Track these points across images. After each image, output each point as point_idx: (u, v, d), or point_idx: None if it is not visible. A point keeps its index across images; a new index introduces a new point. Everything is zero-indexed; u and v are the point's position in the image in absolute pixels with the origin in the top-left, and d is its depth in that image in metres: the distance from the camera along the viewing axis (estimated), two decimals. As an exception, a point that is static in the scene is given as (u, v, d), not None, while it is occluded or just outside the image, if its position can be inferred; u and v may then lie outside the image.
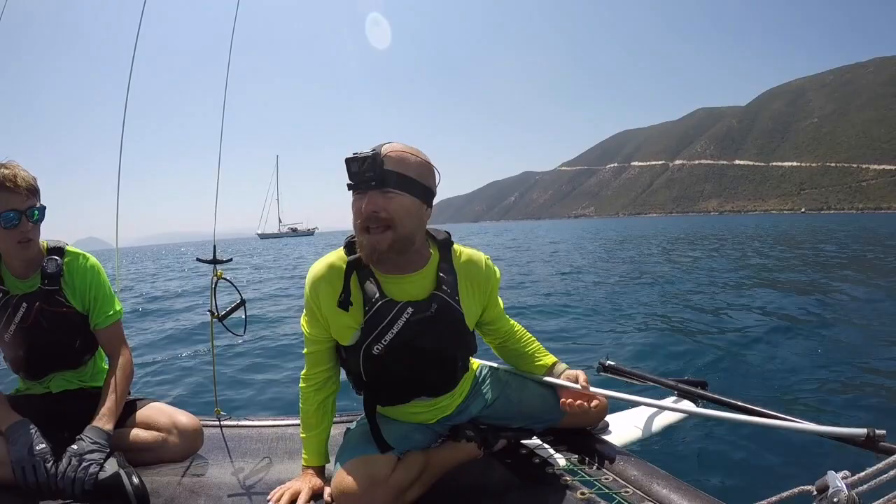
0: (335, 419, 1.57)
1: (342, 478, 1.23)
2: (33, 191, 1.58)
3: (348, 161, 1.19)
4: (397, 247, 1.24)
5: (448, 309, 1.33)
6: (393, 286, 1.31)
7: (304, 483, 1.31)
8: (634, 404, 1.67)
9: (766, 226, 46.83)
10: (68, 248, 1.74)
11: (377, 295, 1.28)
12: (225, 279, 2.05)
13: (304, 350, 1.43)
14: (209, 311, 2.03)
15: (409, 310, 1.29)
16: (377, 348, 1.29)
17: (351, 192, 1.23)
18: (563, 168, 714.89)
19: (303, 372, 1.45)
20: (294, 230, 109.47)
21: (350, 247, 1.32)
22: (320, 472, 1.39)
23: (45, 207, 1.63)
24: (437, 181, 1.30)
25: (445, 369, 1.41)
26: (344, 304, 1.28)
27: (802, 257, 13.68)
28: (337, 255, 1.33)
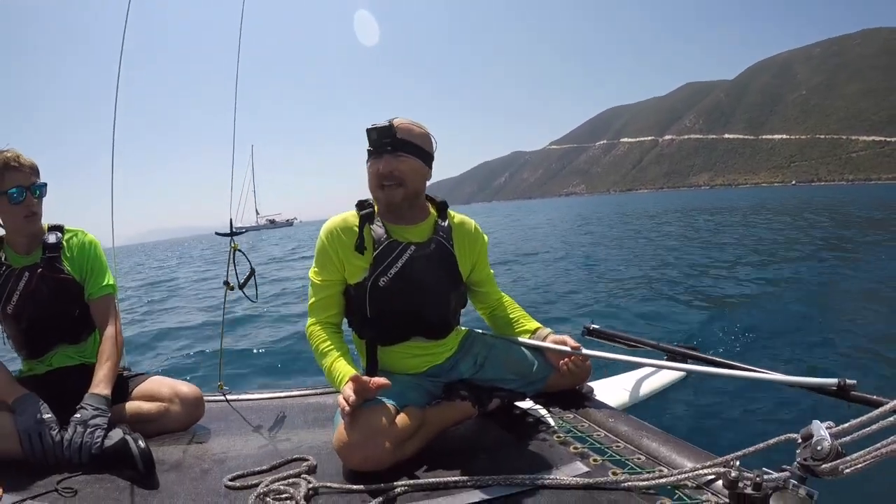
0: (333, 389, 1.60)
1: (343, 428, 1.30)
2: (35, 170, 1.71)
3: (369, 130, 1.46)
4: (408, 200, 1.53)
5: (444, 250, 1.58)
6: (398, 233, 1.55)
7: (348, 389, 1.32)
8: (622, 364, 1.76)
9: (780, 197, 47.86)
10: (67, 226, 1.86)
11: (385, 236, 1.52)
12: (240, 251, 2.15)
13: (311, 300, 1.58)
14: (225, 282, 2.11)
15: (412, 248, 1.53)
16: (383, 280, 1.49)
17: (367, 159, 1.52)
18: (553, 146, 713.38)
19: (308, 321, 1.59)
20: (272, 221, 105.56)
21: (360, 206, 1.57)
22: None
23: (46, 185, 1.74)
24: (434, 148, 1.59)
25: (440, 308, 1.60)
26: (359, 247, 1.50)
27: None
28: (349, 213, 1.58)
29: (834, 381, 1.24)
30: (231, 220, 2.22)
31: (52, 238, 1.78)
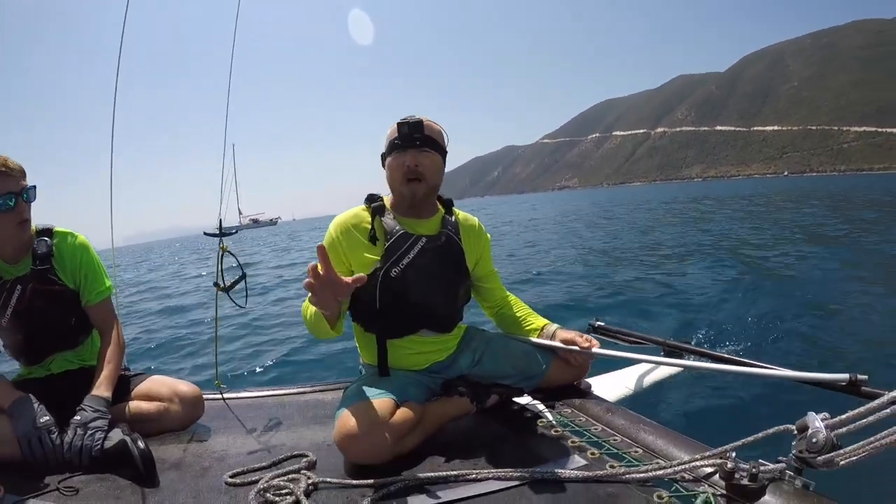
0: (331, 386, 1.75)
1: (344, 420, 1.32)
2: (23, 172, 1.63)
3: (400, 124, 1.52)
4: (428, 194, 1.58)
5: (453, 242, 1.62)
6: (409, 226, 1.59)
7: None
8: (627, 361, 1.79)
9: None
10: (56, 228, 1.77)
11: (397, 227, 1.55)
12: (229, 252, 2.11)
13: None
14: (214, 283, 2.07)
15: (424, 239, 1.56)
16: (395, 271, 1.51)
17: (387, 156, 1.56)
18: (545, 140, 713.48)
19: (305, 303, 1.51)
20: (255, 221, 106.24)
21: (370, 199, 1.61)
22: None
23: (35, 187, 1.67)
24: (447, 142, 1.63)
25: (449, 299, 1.63)
26: (373, 238, 1.53)
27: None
28: (359, 207, 1.61)
29: (845, 376, 1.22)
30: (220, 220, 2.22)
31: (42, 247, 1.70)
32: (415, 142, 1.50)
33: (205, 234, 2.29)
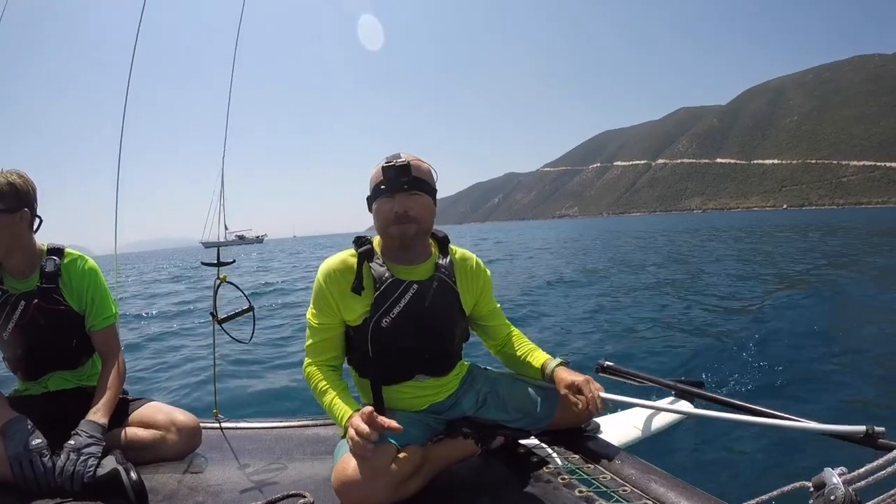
0: (332, 420, 1.65)
1: (343, 467, 1.27)
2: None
3: (385, 168, 1.41)
4: (420, 236, 1.47)
5: (447, 286, 1.52)
6: (399, 272, 1.49)
7: (357, 420, 1.26)
8: (635, 406, 1.73)
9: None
10: (68, 250, 1.78)
11: (386, 275, 1.46)
12: (230, 283, 2.00)
13: (309, 341, 1.52)
14: (210, 313, 1.99)
15: (415, 286, 1.46)
16: (385, 321, 1.44)
17: (373, 200, 1.45)
18: (546, 169, 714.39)
19: (305, 362, 1.52)
20: (241, 237, 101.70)
21: (359, 243, 1.52)
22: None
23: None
24: (435, 180, 1.52)
25: (444, 344, 1.55)
26: (357, 288, 1.44)
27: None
28: (347, 252, 1.51)
29: (861, 428, 1.19)
30: (218, 250, 2.10)
31: (49, 266, 1.71)
32: (402, 186, 1.40)
33: (202, 263, 2.16)
